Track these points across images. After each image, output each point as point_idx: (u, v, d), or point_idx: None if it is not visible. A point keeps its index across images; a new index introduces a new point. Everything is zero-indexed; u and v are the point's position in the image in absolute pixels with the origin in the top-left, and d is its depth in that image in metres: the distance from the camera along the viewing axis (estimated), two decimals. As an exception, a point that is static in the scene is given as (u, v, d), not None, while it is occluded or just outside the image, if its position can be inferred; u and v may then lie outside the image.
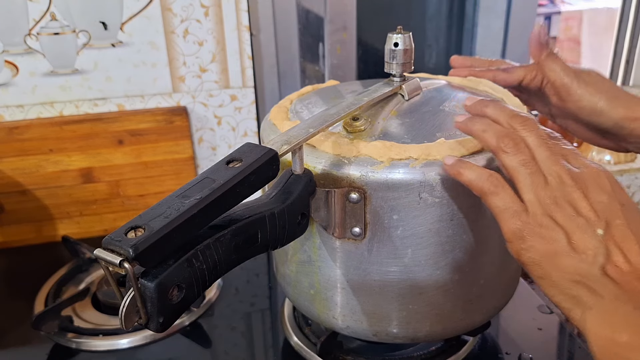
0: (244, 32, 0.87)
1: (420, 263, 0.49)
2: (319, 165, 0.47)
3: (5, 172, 0.84)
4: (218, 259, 0.38)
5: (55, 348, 0.66)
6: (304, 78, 1.00)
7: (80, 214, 0.89)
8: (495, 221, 0.41)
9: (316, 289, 0.54)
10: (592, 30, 2.93)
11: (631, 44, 1.31)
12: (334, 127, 0.49)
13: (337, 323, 0.54)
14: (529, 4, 1.05)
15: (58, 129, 0.84)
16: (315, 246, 0.51)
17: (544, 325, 0.66)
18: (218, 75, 0.89)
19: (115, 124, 0.85)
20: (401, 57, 0.52)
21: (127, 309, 0.34)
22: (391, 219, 0.47)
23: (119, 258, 0.32)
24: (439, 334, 0.56)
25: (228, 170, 0.39)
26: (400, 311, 0.52)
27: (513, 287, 0.58)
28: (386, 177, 0.46)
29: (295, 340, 0.64)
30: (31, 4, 0.80)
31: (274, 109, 0.57)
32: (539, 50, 0.60)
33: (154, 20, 0.84)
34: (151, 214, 0.35)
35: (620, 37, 1.33)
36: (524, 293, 0.72)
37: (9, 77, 0.83)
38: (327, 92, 0.60)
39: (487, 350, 0.63)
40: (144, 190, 0.89)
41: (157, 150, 0.88)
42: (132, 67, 0.86)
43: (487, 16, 1.08)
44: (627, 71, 1.33)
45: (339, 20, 0.96)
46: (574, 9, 3.01)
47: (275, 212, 0.42)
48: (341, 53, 0.98)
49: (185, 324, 0.69)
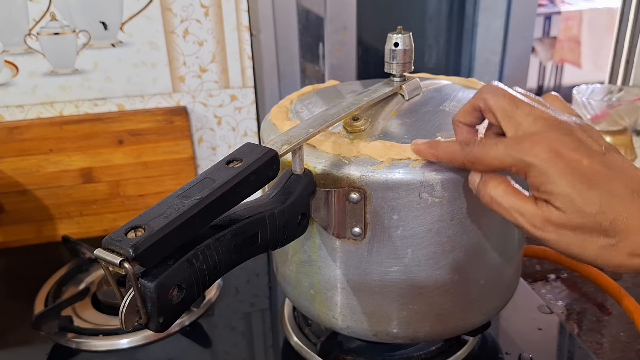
0: (244, 32, 0.87)
1: (420, 263, 0.49)
2: (319, 165, 0.47)
3: (5, 172, 0.84)
4: (218, 259, 0.38)
5: (55, 348, 0.66)
6: (304, 78, 1.00)
7: (80, 214, 0.89)
8: (496, 221, 0.41)
9: (316, 289, 0.54)
10: (592, 30, 2.94)
11: (631, 44, 1.31)
12: (334, 127, 0.49)
13: (337, 323, 0.54)
14: (529, 4, 1.05)
15: (58, 129, 0.84)
16: (315, 246, 0.51)
17: (544, 325, 0.66)
18: (218, 75, 0.89)
19: (115, 124, 0.86)
20: (401, 57, 0.52)
21: (127, 309, 0.34)
22: (391, 219, 0.47)
23: (119, 258, 0.32)
24: (439, 334, 0.56)
25: (228, 170, 0.39)
26: (400, 311, 0.52)
27: (513, 287, 0.58)
28: (386, 177, 0.46)
29: (295, 340, 0.64)
30: (31, 4, 0.80)
31: (274, 109, 0.57)
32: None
33: (154, 20, 0.84)
34: (151, 214, 0.35)
35: (620, 37, 1.33)
36: (524, 293, 0.72)
37: (9, 77, 0.83)
38: (327, 92, 0.60)
39: (487, 350, 0.63)
40: (144, 190, 0.89)
41: (157, 150, 0.88)
42: (132, 67, 0.86)
43: (487, 16, 1.08)
44: (627, 71, 1.33)
45: (339, 20, 0.96)
46: (574, 9, 3.02)
47: (276, 212, 0.42)
48: (341, 53, 0.98)
49: (185, 324, 0.69)
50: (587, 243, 0.37)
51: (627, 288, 0.69)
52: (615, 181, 0.37)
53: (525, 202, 0.39)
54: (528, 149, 0.38)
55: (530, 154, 0.38)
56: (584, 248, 0.38)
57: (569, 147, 0.37)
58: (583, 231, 0.37)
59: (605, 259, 0.37)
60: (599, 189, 0.36)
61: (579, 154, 0.37)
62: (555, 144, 0.37)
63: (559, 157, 0.37)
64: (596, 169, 0.37)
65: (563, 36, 3.04)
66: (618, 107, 1.15)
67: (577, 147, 0.37)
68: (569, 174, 0.37)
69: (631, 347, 0.69)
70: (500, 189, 0.40)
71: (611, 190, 0.36)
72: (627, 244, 0.36)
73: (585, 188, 0.36)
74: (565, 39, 3.03)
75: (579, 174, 0.37)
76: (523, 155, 0.38)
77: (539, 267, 0.85)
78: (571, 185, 0.36)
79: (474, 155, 0.41)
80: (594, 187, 0.36)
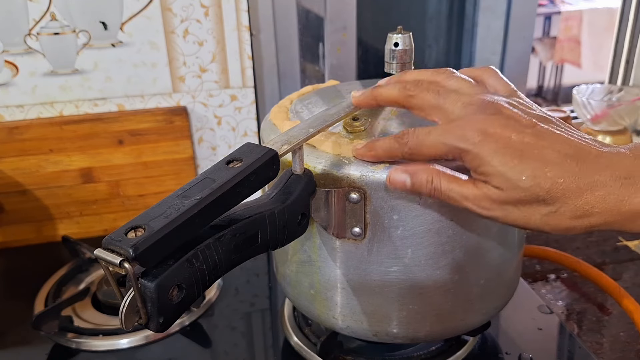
0: (244, 32, 0.87)
1: (420, 263, 0.49)
2: (319, 165, 0.47)
3: (5, 172, 0.84)
4: (218, 259, 0.38)
5: (55, 348, 0.66)
6: (304, 78, 1.00)
7: (80, 214, 0.89)
8: (495, 222, 0.41)
9: (316, 289, 0.54)
10: (592, 30, 2.94)
11: (631, 44, 1.31)
12: (334, 127, 0.49)
13: (337, 323, 0.54)
14: (529, 4, 1.05)
15: (58, 129, 0.84)
16: (315, 246, 0.51)
17: (544, 325, 0.66)
18: (218, 75, 0.89)
19: (115, 124, 0.86)
20: (401, 57, 0.52)
21: (127, 309, 0.34)
22: (391, 219, 0.47)
23: (119, 258, 0.32)
24: (439, 334, 0.56)
25: (228, 170, 0.39)
26: (400, 311, 0.52)
27: (513, 287, 0.58)
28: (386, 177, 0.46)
29: (295, 340, 0.64)
30: (31, 4, 0.80)
31: (274, 109, 0.57)
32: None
33: (154, 20, 0.84)
34: (151, 214, 0.35)
35: (620, 37, 1.33)
36: (524, 293, 0.72)
37: (9, 77, 0.83)
38: (327, 92, 0.60)
39: (487, 350, 0.63)
40: (144, 190, 0.89)
41: (157, 150, 0.88)
42: (132, 67, 0.86)
43: (487, 16, 1.08)
44: (627, 71, 1.33)
45: (339, 20, 0.96)
46: (574, 9, 3.02)
47: (276, 212, 0.42)
48: (341, 53, 0.98)
49: (185, 324, 0.69)
50: (530, 214, 0.38)
51: (627, 288, 0.69)
52: (547, 149, 0.37)
53: (465, 186, 0.40)
54: (460, 135, 0.39)
55: (462, 140, 0.38)
56: (528, 219, 0.38)
57: (497, 125, 0.38)
58: (524, 204, 0.38)
59: (551, 225, 0.38)
60: (531, 160, 0.37)
61: (508, 130, 0.38)
62: (484, 125, 0.38)
63: (488, 137, 0.38)
64: (526, 141, 0.37)
65: (563, 36, 3.04)
66: (618, 107, 1.15)
67: (505, 124, 0.38)
68: (500, 153, 0.37)
69: (631, 347, 0.69)
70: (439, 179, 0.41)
71: (543, 159, 0.37)
72: (568, 208, 0.37)
73: (517, 162, 0.37)
74: (565, 39, 3.03)
75: (510, 150, 0.37)
76: (455, 142, 0.39)
77: (539, 267, 0.85)
78: (503, 163, 0.37)
79: (410, 147, 0.42)
80: (525, 161, 0.37)
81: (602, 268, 0.73)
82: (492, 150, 0.37)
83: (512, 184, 0.37)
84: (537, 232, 0.39)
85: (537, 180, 0.37)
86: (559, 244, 0.88)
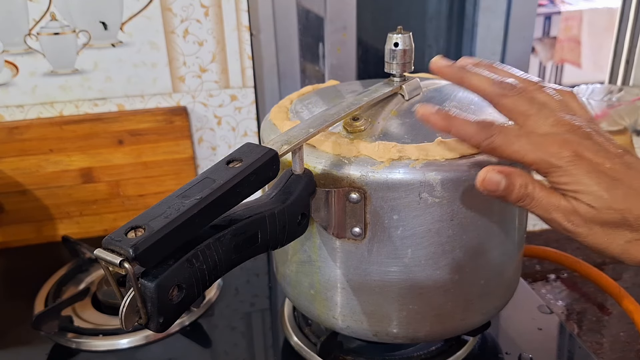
0: (244, 32, 0.87)
1: (420, 263, 0.49)
2: (319, 165, 0.47)
3: (5, 172, 0.84)
4: (218, 259, 0.38)
5: (55, 348, 0.66)
6: (304, 78, 1.00)
7: (80, 214, 0.89)
8: (496, 221, 0.41)
9: (316, 289, 0.54)
10: (592, 30, 2.94)
11: (631, 44, 1.31)
12: (334, 127, 0.49)
13: (337, 323, 0.54)
14: (529, 4, 1.05)
15: (58, 129, 0.84)
16: (315, 246, 0.51)
17: (544, 325, 0.66)
18: (218, 75, 0.89)
19: (115, 124, 0.86)
20: (401, 57, 0.52)
21: (127, 309, 0.34)
22: (391, 219, 0.47)
23: (119, 258, 0.32)
24: (439, 334, 0.56)
25: (228, 170, 0.39)
26: (400, 311, 0.52)
27: (513, 287, 0.58)
28: (386, 177, 0.46)
29: (295, 340, 0.64)
30: (31, 4, 0.80)
31: (274, 109, 0.57)
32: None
33: (154, 20, 0.84)
34: (151, 214, 0.35)
35: (620, 37, 1.33)
36: (524, 293, 0.72)
37: (9, 77, 0.83)
38: (327, 92, 0.60)
39: (487, 350, 0.63)
40: (144, 190, 0.89)
41: (157, 150, 0.88)
42: (132, 67, 0.86)
43: (487, 16, 1.08)
44: (627, 71, 1.33)
45: (339, 20, 0.96)
46: (574, 9, 3.02)
47: (275, 212, 0.42)
48: (341, 53, 0.98)
49: (185, 324, 0.69)
50: (613, 238, 0.39)
51: (627, 288, 0.69)
52: (636, 180, 0.39)
53: (556, 197, 0.41)
54: (553, 152, 0.39)
55: (555, 156, 0.39)
56: (610, 243, 0.40)
57: (591, 150, 0.39)
58: (610, 226, 0.39)
59: (631, 254, 0.40)
60: (624, 187, 0.39)
61: (599, 157, 0.39)
62: (578, 148, 0.39)
63: (582, 159, 0.39)
64: (617, 169, 0.39)
65: (563, 36, 3.04)
66: (618, 107, 1.15)
67: (597, 151, 0.39)
68: (594, 174, 0.39)
69: (631, 347, 0.69)
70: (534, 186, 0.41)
71: (634, 187, 0.39)
72: None
73: (612, 187, 0.38)
74: (565, 39, 3.03)
75: (603, 175, 0.39)
76: (547, 157, 0.40)
77: (539, 267, 0.85)
78: (597, 183, 0.39)
79: (494, 142, 0.42)
80: (618, 186, 0.39)
81: (602, 268, 0.73)
82: (585, 171, 0.39)
83: (605, 204, 0.39)
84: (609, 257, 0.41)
85: (629, 205, 0.38)
86: (559, 244, 0.88)
